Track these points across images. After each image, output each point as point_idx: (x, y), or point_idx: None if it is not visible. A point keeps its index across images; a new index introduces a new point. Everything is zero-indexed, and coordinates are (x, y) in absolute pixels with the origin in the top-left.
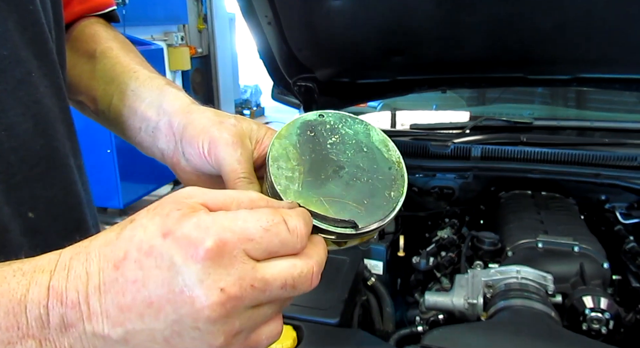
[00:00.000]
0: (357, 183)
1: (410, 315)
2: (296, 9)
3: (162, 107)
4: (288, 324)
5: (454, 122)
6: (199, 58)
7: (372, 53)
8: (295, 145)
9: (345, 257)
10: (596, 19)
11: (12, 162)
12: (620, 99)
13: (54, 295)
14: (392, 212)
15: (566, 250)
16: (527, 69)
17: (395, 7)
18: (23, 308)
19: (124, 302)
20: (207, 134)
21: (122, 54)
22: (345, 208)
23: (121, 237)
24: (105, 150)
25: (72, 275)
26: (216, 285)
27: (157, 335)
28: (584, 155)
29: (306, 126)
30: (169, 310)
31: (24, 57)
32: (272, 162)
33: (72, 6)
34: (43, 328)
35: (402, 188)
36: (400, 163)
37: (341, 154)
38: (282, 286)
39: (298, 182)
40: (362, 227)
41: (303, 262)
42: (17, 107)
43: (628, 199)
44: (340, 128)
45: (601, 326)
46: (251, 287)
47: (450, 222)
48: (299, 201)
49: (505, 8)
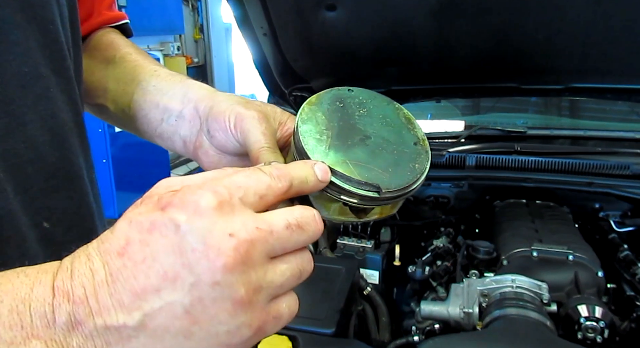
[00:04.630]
0: (382, 153)
1: (406, 325)
2: (291, 20)
3: (186, 96)
4: (283, 334)
5: (448, 132)
6: (195, 68)
7: (367, 63)
8: (325, 112)
9: (340, 267)
10: (588, 30)
11: (30, 174)
12: (612, 108)
13: (60, 293)
14: (416, 182)
15: (561, 258)
16: (520, 78)
17: (390, 18)
18: (27, 307)
19: (137, 285)
20: (234, 110)
21: (141, 58)
22: (370, 172)
23: (116, 229)
24: (101, 160)
25: (76, 274)
26: (225, 231)
27: (177, 309)
28: (577, 164)
29: (336, 97)
30: (185, 275)
31: (44, 73)
32: (301, 123)
33: (90, 20)
34: (48, 327)
35: (426, 163)
36: (424, 140)
37: (368, 125)
38: (286, 226)
39: (325, 144)
40: (385, 192)
41: (300, 209)
42: (35, 121)
43: (622, 207)
44: (368, 103)
45: (596, 335)
46: (257, 229)
47: (446, 231)
48: (326, 161)
49: (499, 19)
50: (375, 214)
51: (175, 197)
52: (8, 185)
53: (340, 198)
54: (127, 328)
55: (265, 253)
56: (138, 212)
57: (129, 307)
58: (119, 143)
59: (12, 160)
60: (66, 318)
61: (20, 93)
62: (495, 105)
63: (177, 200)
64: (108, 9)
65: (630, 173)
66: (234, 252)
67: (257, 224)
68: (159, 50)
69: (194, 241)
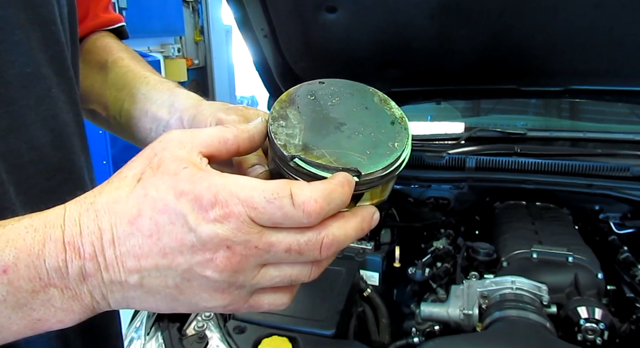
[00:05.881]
0: (358, 137)
1: (406, 326)
2: (292, 22)
3: (173, 106)
4: (284, 336)
5: (448, 133)
6: (195, 69)
7: (367, 65)
8: (296, 107)
9: (341, 268)
10: (587, 32)
11: (32, 174)
12: (612, 110)
13: (71, 249)
14: (397, 161)
15: (561, 260)
16: (520, 80)
17: (390, 20)
18: (42, 262)
19: (141, 253)
20: (215, 116)
21: (133, 63)
22: (348, 157)
23: (132, 195)
24: (101, 162)
25: (86, 232)
26: (224, 243)
27: (169, 281)
28: (577, 165)
29: (307, 91)
30: (181, 261)
31: (45, 74)
32: (272, 121)
33: (86, 22)
34: (62, 278)
35: (406, 140)
36: (403, 118)
37: (342, 112)
38: (286, 250)
39: (298, 137)
40: (365, 175)
41: (313, 232)
42: (37, 122)
43: (622, 209)
44: (341, 91)
45: (596, 336)
46: (255, 247)
47: (446, 233)
48: (300, 153)
49: (498, 21)
50: (367, 201)
51: (194, 189)
52: (10, 186)
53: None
54: (127, 284)
55: (257, 263)
56: (154, 185)
57: (131, 269)
58: (119, 145)
59: (14, 161)
60: (77, 271)
61: (22, 93)
62: (495, 107)
63: (193, 196)
64: (104, 11)
65: (630, 175)
66: (227, 261)
67: (258, 244)
68: (159, 52)
69: (195, 240)
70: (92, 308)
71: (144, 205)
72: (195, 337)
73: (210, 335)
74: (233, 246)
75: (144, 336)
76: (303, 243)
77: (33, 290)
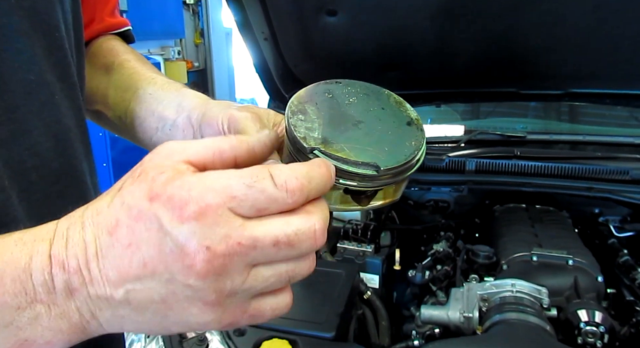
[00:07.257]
0: (376, 134)
1: (406, 329)
2: (292, 25)
3: (181, 105)
4: (284, 338)
5: (448, 136)
6: (195, 72)
7: (367, 68)
8: (314, 103)
9: (340, 271)
10: (587, 35)
11: (34, 180)
12: (612, 113)
13: (56, 262)
14: (414, 158)
15: (560, 263)
16: (520, 83)
17: (390, 23)
18: (28, 275)
19: (122, 265)
20: (226, 113)
21: (139, 65)
22: (366, 153)
23: (111, 205)
24: (102, 164)
25: (71, 244)
26: (202, 243)
27: (155, 295)
28: (576, 168)
29: (324, 89)
30: (162, 270)
31: (49, 80)
32: (292, 115)
33: (92, 26)
34: (49, 293)
35: (422, 140)
36: (418, 120)
37: (360, 111)
38: (274, 243)
39: (318, 131)
40: (384, 169)
41: (300, 219)
42: (40, 128)
43: (621, 212)
44: (357, 91)
45: (596, 340)
46: (238, 244)
47: (446, 235)
48: (320, 146)
49: (498, 24)
50: (379, 200)
51: (166, 191)
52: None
53: (339, 183)
54: (114, 300)
55: (245, 264)
56: (130, 192)
57: (115, 283)
58: (119, 147)
59: (17, 167)
60: (63, 285)
61: (25, 100)
62: (495, 109)
63: (166, 197)
64: (110, 15)
65: (630, 178)
66: (207, 264)
67: (240, 239)
68: (159, 55)
69: (172, 244)
70: (82, 328)
71: (120, 214)
72: (195, 339)
73: (211, 338)
74: (213, 246)
75: (144, 338)
76: (292, 233)
77: (19, 306)
